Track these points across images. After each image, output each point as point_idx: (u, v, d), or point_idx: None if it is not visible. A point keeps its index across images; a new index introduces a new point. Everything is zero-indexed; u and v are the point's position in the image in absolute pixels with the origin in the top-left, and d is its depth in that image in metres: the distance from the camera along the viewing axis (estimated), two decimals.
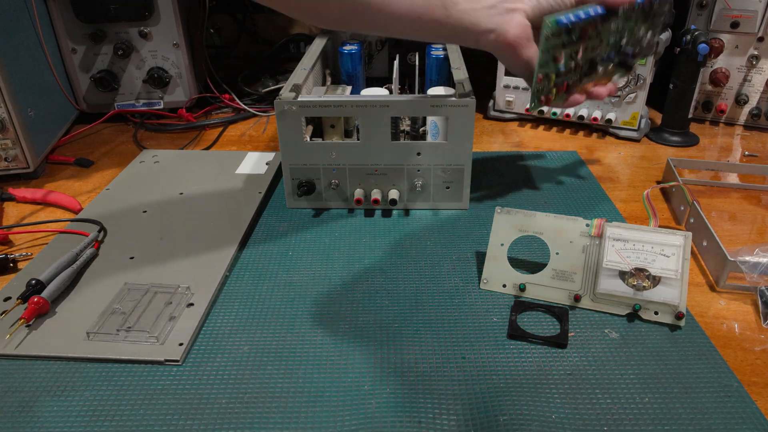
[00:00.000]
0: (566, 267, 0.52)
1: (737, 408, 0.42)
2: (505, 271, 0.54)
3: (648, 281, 0.49)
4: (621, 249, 0.50)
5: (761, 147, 0.86)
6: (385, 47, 0.96)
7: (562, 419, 0.41)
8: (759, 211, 0.69)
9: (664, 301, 0.49)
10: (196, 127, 0.96)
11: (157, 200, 0.70)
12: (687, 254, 0.49)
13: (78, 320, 0.51)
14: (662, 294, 0.49)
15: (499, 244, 0.54)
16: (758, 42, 0.87)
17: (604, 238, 0.51)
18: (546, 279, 0.52)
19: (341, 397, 0.43)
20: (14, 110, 0.73)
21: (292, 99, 0.63)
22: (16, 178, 0.78)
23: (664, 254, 0.49)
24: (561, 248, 0.52)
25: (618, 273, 0.50)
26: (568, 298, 0.51)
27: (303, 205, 0.69)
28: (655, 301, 0.49)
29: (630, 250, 0.50)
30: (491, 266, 0.54)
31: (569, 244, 0.52)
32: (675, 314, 0.49)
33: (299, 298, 0.54)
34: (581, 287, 0.51)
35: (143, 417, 0.42)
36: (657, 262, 0.49)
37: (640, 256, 0.50)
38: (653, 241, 0.50)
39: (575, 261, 0.52)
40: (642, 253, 0.50)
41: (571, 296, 0.51)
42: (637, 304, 0.49)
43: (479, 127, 0.95)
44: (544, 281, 0.52)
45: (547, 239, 0.53)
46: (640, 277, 0.49)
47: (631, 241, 0.50)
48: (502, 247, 0.54)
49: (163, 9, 0.91)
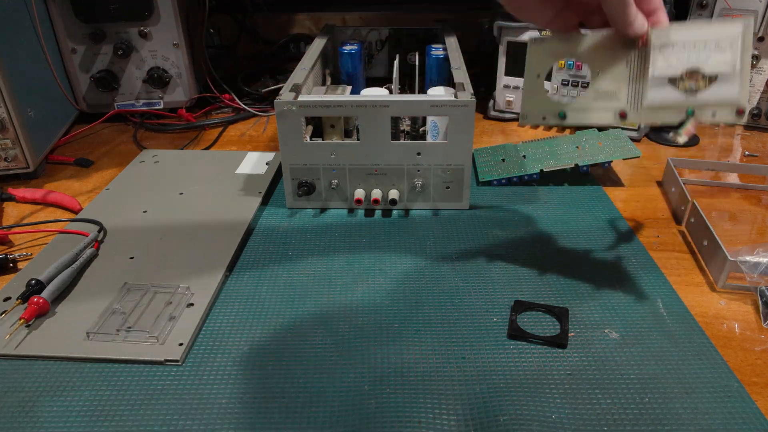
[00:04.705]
0: (609, 86, 0.47)
1: (737, 408, 0.42)
2: (544, 102, 0.49)
3: (702, 81, 0.43)
4: (670, 53, 0.44)
5: (761, 147, 0.86)
6: (386, 47, 0.96)
7: (562, 419, 0.41)
8: (759, 211, 0.69)
9: (722, 99, 0.43)
10: (196, 127, 0.96)
11: (157, 200, 0.70)
12: (748, 43, 0.43)
13: (78, 320, 0.51)
14: (719, 92, 0.43)
15: (535, 76, 0.50)
16: (758, 42, 0.87)
17: (650, 46, 0.45)
18: (587, 102, 0.47)
19: (341, 397, 0.43)
20: (14, 110, 0.73)
21: (292, 99, 0.63)
22: (15, 178, 0.78)
23: (720, 48, 0.43)
24: (601, 66, 0.47)
25: (667, 80, 0.44)
26: (614, 116, 0.47)
27: (303, 205, 0.69)
28: (712, 103, 0.43)
29: (681, 52, 0.44)
30: (529, 101, 0.50)
31: (610, 59, 0.46)
32: (735, 110, 0.43)
33: (299, 298, 0.54)
34: (627, 103, 0.46)
35: (143, 417, 0.42)
36: (711, 59, 0.43)
37: (692, 56, 0.44)
38: (706, 38, 0.43)
39: (619, 76, 0.46)
40: (693, 52, 0.44)
41: (617, 114, 0.46)
42: (690, 108, 0.44)
43: (479, 127, 0.95)
44: (585, 104, 0.47)
45: (585, 59, 0.48)
46: (693, 79, 0.44)
47: (680, 43, 0.44)
48: (539, 79, 0.49)
49: (163, 9, 0.91)
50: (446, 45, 0.82)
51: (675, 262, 0.59)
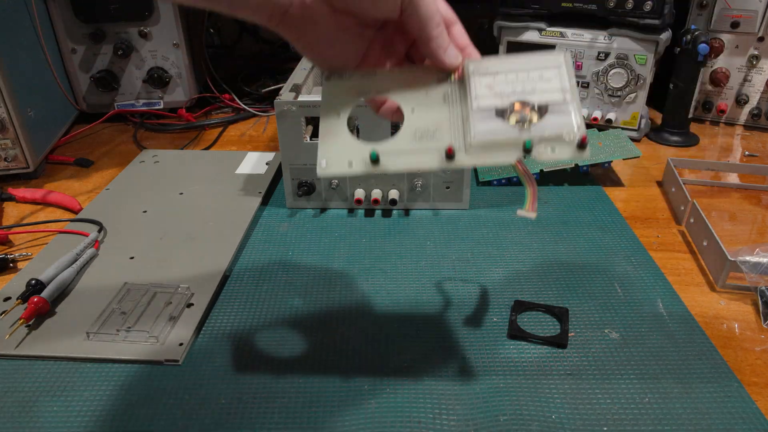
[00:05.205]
0: (428, 124, 0.39)
1: (737, 408, 0.42)
2: (348, 145, 0.39)
3: (533, 112, 0.38)
4: (492, 84, 0.39)
5: (761, 147, 0.86)
6: None
7: (562, 419, 0.41)
8: (759, 211, 0.69)
9: (558, 130, 0.37)
10: (196, 127, 0.96)
11: (157, 200, 0.70)
12: (571, 71, 0.39)
13: (78, 320, 0.50)
14: (553, 123, 0.37)
15: (335, 115, 0.40)
16: (758, 42, 0.87)
17: (468, 75, 0.39)
18: (404, 142, 0.39)
19: (341, 397, 0.43)
20: (14, 110, 0.73)
21: (292, 99, 0.63)
22: (15, 178, 0.78)
23: (545, 78, 0.39)
24: (416, 103, 0.39)
25: (494, 112, 0.38)
26: (439, 157, 0.38)
27: (303, 205, 0.69)
28: (548, 136, 0.37)
29: (503, 83, 0.38)
30: (328, 144, 0.39)
31: (425, 95, 0.40)
32: (576, 143, 0.37)
33: (299, 298, 0.54)
34: (452, 140, 0.38)
35: (143, 417, 0.42)
36: (539, 88, 0.38)
37: (517, 87, 0.38)
38: (528, 68, 0.39)
39: (437, 114, 0.39)
40: (518, 83, 0.38)
41: (442, 154, 0.38)
42: (527, 141, 0.37)
43: None
44: (403, 145, 0.39)
45: (396, 97, 0.40)
46: (522, 110, 0.38)
47: (502, 72, 0.39)
48: (340, 119, 0.40)
49: (163, 9, 0.91)
50: None
51: (675, 262, 0.59)
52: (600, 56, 0.86)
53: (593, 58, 0.86)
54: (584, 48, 0.86)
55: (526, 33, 0.89)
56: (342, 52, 0.38)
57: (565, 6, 0.86)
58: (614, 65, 0.85)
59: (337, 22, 0.36)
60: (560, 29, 0.87)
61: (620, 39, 0.84)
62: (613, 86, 0.86)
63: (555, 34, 0.87)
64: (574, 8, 0.86)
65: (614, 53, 0.85)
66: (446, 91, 0.39)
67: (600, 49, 0.85)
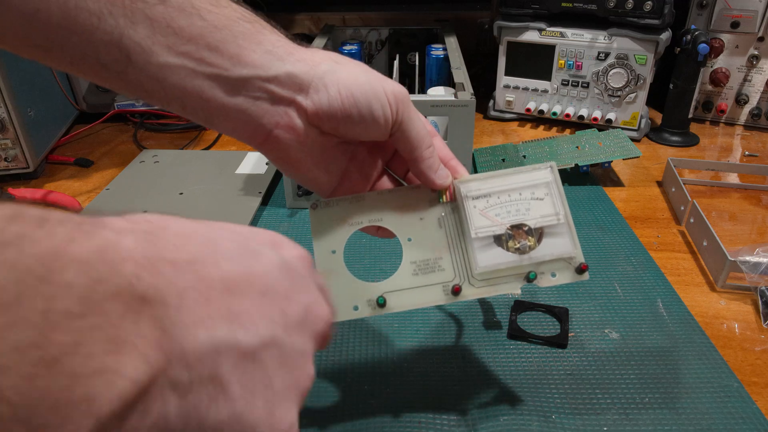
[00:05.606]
0: (426, 254, 0.38)
1: (737, 408, 0.42)
2: (350, 286, 0.38)
3: (531, 238, 0.37)
4: (486, 208, 0.38)
5: (761, 147, 0.86)
6: (385, 47, 0.96)
7: (562, 419, 0.41)
8: (759, 211, 0.69)
9: (557, 256, 0.37)
10: (196, 127, 0.96)
11: (157, 200, 0.70)
12: (560, 188, 0.39)
13: None
14: (551, 248, 0.37)
15: (329, 252, 0.39)
16: (758, 42, 0.87)
17: (461, 200, 0.38)
18: (407, 279, 0.38)
19: (341, 397, 0.43)
20: (14, 110, 0.73)
21: None
22: (15, 178, 0.78)
23: (537, 198, 0.38)
24: (411, 231, 0.39)
25: (493, 240, 0.37)
26: (444, 294, 0.37)
27: (303, 205, 0.69)
28: (547, 261, 0.37)
29: (497, 206, 0.38)
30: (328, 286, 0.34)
31: (420, 222, 0.39)
32: (576, 268, 0.37)
33: None
34: (455, 274, 0.38)
35: None
36: (533, 210, 0.38)
37: (511, 209, 0.38)
38: (519, 186, 0.38)
39: (435, 241, 0.38)
40: (511, 204, 0.38)
41: (448, 290, 0.38)
42: (532, 272, 0.37)
43: (479, 127, 0.95)
44: (405, 283, 0.38)
45: (389, 225, 0.39)
46: (520, 236, 0.37)
47: (494, 194, 0.38)
48: (336, 255, 0.39)
49: None
50: (446, 45, 0.82)
51: (675, 262, 0.59)
52: (600, 56, 0.86)
53: (593, 58, 0.86)
54: (584, 48, 0.86)
55: (526, 33, 0.89)
56: (326, 170, 0.38)
57: (565, 6, 0.86)
58: (614, 65, 0.85)
59: (323, 143, 0.36)
60: (560, 29, 0.87)
61: (620, 39, 0.84)
62: (613, 86, 0.86)
63: (555, 34, 0.88)
64: (574, 8, 0.86)
65: (614, 53, 0.85)
66: (440, 215, 0.39)
67: (600, 49, 0.85)
